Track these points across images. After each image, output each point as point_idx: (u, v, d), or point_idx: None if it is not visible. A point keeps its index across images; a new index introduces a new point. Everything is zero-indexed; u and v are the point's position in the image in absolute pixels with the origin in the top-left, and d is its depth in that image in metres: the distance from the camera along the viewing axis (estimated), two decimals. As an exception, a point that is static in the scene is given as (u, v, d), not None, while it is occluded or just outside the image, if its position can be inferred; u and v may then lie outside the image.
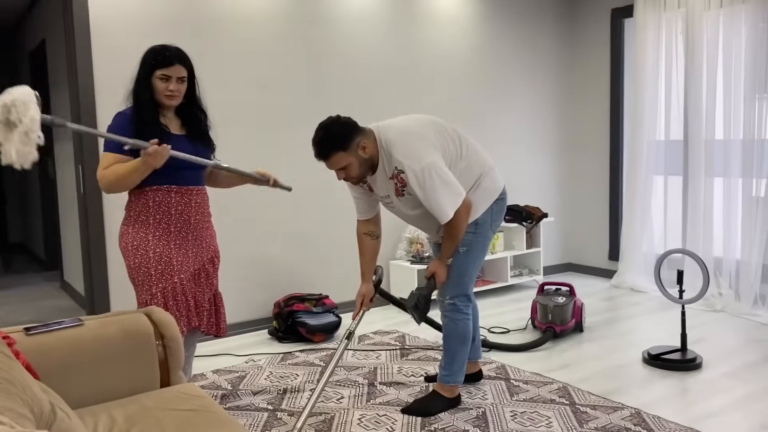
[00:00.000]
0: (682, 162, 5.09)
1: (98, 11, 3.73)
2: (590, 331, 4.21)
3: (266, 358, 3.80)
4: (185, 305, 2.68)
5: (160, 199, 2.63)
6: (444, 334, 3.00)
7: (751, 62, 4.56)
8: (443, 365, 2.99)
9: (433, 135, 2.76)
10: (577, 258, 6.04)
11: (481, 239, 2.92)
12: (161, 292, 2.62)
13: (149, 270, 2.61)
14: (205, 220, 2.78)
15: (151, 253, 2.62)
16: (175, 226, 2.66)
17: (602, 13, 5.64)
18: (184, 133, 2.72)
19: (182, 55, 2.66)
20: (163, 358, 2.19)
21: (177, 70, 2.62)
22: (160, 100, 2.64)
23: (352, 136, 2.68)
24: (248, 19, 4.23)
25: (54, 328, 2.04)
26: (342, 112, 4.60)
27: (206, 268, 2.78)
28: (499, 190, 2.95)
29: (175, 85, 2.62)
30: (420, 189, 2.67)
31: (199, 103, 2.78)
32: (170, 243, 2.65)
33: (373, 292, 3.06)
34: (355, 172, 2.73)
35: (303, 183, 4.52)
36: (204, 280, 2.77)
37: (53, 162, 6.14)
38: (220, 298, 2.88)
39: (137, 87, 2.64)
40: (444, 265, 2.88)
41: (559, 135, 5.94)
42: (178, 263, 2.66)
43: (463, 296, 2.94)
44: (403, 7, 4.91)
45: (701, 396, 3.13)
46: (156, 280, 2.62)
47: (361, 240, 3.05)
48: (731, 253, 4.75)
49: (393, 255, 5.01)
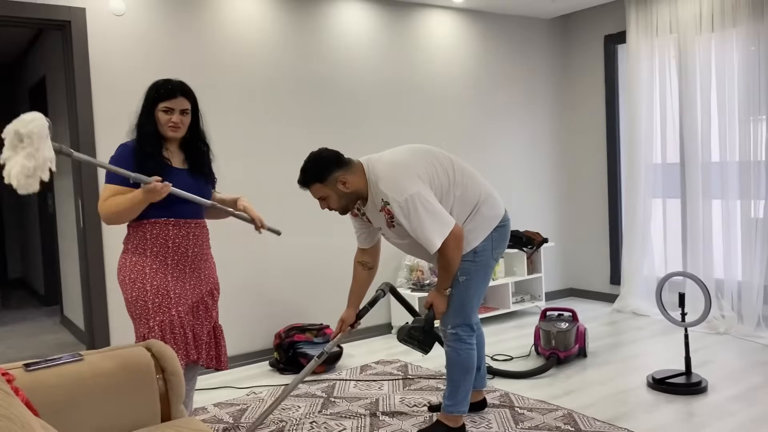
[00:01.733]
0: (679, 184, 5.10)
1: (98, 47, 3.78)
2: (594, 357, 4.18)
3: (268, 390, 3.76)
4: (183, 338, 2.65)
5: (158, 232, 2.62)
6: (447, 364, 2.97)
7: (744, 85, 4.61)
8: (447, 395, 2.96)
9: (421, 165, 2.77)
10: (579, 283, 6.03)
11: (482, 268, 2.90)
12: (159, 325, 2.59)
13: (146, 303, 2.59)
14: (203, 253, 2.76)
15: (149, 286, 2.60)
16: (172, 258, 2.65)
17: (595, 39, 5.71)
18: (186, 167, 2.72)
19: (185, 88, 2.67)
20: (163, 392, 2.17)
21: (180, 102, 2.63)
22: (164, 132, 2.64)
23: (330, 171, 2.75)
24: (245, 53, 4.29)
25: (54, 364, 2.03)
26: (337, 140, 4.65)
27: (205, 300, 2.76)
28: (500, 216, 2.93)
29: (177, 117, 2.63)
30: (405, 219, 2.68)
31: (202, 136, 2.79)
32: (167, 275, 2.64)
33: (353, 319, 3.10)
34: (335, 204, 2.81)
35: (303, 213, 4.53)
36: (203, 313, 2.75)
37: (53, 196, 6.15)
38: (221, 330, 2.85)
39: (140, 119, 2.66)
40: (442, 296, 2.87)
41: (557, 160, 5.97)
42: (176, 296, 2.64)
43: (465, 326, 2.92)
44: (397, 34, 4.97)
45: (708, 420, 3.09)
46: (153, 313, 2.59)
47: (355, 268, 3.13)
48: (732, 274, 4.74)
49: (394, 283, 4.99)
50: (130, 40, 3.89)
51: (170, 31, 4.02)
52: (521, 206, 5.72)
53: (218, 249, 4.16)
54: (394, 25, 4.94)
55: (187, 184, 2.66)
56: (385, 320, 4.96)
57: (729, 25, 4.65)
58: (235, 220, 2.85)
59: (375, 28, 4.85)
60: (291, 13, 4.46)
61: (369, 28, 4.82)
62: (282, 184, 4.45)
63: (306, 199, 4.51)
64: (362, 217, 2.94)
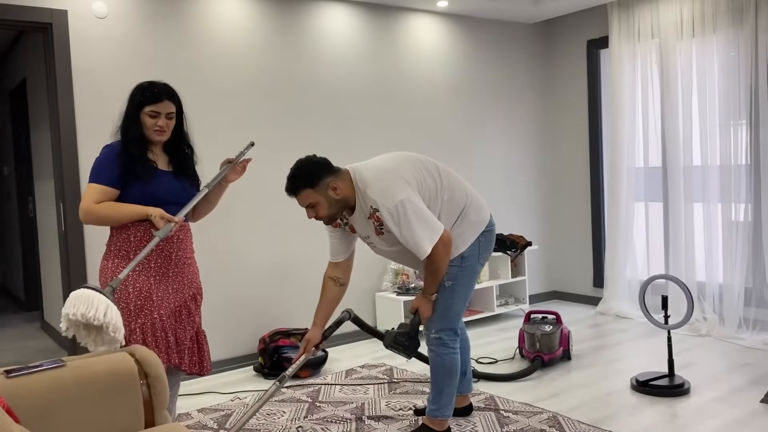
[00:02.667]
0: (661, 188, 5.16)
1: (80, 49, 3.75)
2: (578, 359, 4.20)
3: (252, 395, 3.74)
4: (164, 341, 2.64)
5: (141, 235, 2.61)
6: (431, 368, 2.97)
7: (724, 90, 4.67)
8: (431, 399, 2.96)
9: (409, 171, 2.76)
10: (562, 286, 6.06)
11: (468, 273, 2.90)
12: (140, 328, 2.58)
13: (128, 305, 2.58)
14: (187, 257, 2.75)
15: (131, 288, 2.59)
16: (155, 261, 2.64)
17: (578, 44, 5.76)
18: (171, 170, 2.73)
19: (171, 91, 2.68)
20: (147, 398, 2.15)
21: (166, 106, 2.64)
22: (149, 135, 2.65)
23: (321, 176, 2.70)
24: (230, 54, 4.27)
25: (35, 370, 2.00)
26: (322, 144, 4.64)
27: (188, 305, 2.74)
28: (485, 221, 2.94)
29: (163, 121, 2.64)
30: (395, 226, 2.67)
31: (186, 139, 2.80)
32: (150, 278, 2.63)
33: (319, 339, 2.95)
34: (324, 211, 2.74)
35: (287, 218, 4.52)
36: (185, 317, 2.73)
37: (33, 200, 6.08)
38: (203, 335, 2.82)
39: (126, 122, 2.65)
40: (427, 301, 2.86)
41: (540, 164, 6.01)
42: (158, 299, 2.63)
43: (449, 330, 2.91)
44: (381, 38, 4.98)
45: (690, 421, 3.12)
46: (135, 316, 2.58)
47: (325, 284, 2.99)
48: (714, 277, 4.80)
49: (379, 287, 4.99)
50: (113, 42, 3.86)
51: (153, 33, 3.99)
52: (505, 210, 5.74)
53: (203, 254, 4.13)
54: (378, 29, 4.95)
55: (172, 186, 2.67)
56: (370, 324, 4.94)
57: (709, 31, 4.71)
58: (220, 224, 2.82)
59: (359, 32, 4.86)
60: (274, 16, 4.45)
61: (353, 32, 4.82)
62: (265, 187, 4.43)
63: (291, 202, 4.49)
64: (344, 227, 2.90)
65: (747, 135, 4.57)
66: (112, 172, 2.59)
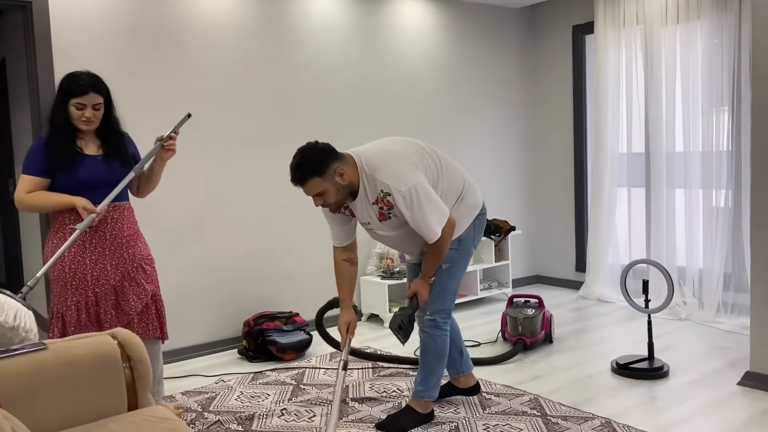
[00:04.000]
0: (644, 174, 5.20)
1: (60, 28, 3.68)
2: (559, 343, 4.25)
3: (236, 378, 3.74)
4: (96, 316, 2.85)
5: (75, 218, 2.79)
6: (422, 349, 2.99)
7: (707, 77, 4.70)
8: (419, 380, 2.98)
9: (414, 155, 2.77)
10: (545, 270, 6.11)
11: (464, 255, 2.94)
12: (75, 305, 2.81)
13: (66, 284, 2.81)
14: (125, 235, 2.92)
15: (67, 269, 2.80)
16: (90, 242, 2.83)
17: (564, 29, 5.76)
18: (101, 154, 2.88)
19: (97, 83, 2.81)
20: (130, 381, 2.15)
21: (92, 98, 2.78)
22: (77, 125, 2.81)
23: (328, 162, 2.62)
24: (213, 35, 4.22)
25: (16, 353, 1.99)
26: (309, 127, 4.62)
27: (132, 276, 2.92)
28: (480, 205, 2.97)
29: (90, 112, 2.79)
30: (408, 210, 2.65)
31: (115, 125, 2.93)
32: (86, 258, 2.83)
33: (355, 319, 2.98)
34: (332, 198, 2.67)
35: (271, 201, 4.50)
36: (133, 288, 2.91)
37: (14, 183, 6.00)
38: (161, 301, 3.04)
39: (53, 113, 2.82)
40: (427, 284, 2.88)
41: (524, 149, 6.02)
42: (93, 278, 2.83)
43: (443, 312, 2.94)
44: (368, 23, 4.94)
45: (669, 403, 3.18)
46: (71, 294, 2.81)
47: (340, 266, 2.97)
48: (694, 262, 4.86)
49: (364, 271, 5.00)
50: (94, 21, 3.79)
51: (135, 12, 3.93)
52: (489, 195, 5.76)
53: (187, 237, 4.11)
54: (362, 13, 4.91)
55: (100, 170, 2.84)
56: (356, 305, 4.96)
57: (693, 17, 4.73)
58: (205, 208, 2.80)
59: (343, 17, 4.81)
60: (258, 0, 4.40)
61: (337, 17, 4.78)
62: (250, 172, 4.41)
63: (274, 185, 4.48)
64: (344, 211, 2.85)
65: (729, 122, 4.61)
66: (41, 163, 2.79)
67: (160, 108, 3.97)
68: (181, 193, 4.11)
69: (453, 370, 3.22)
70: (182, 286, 4.13)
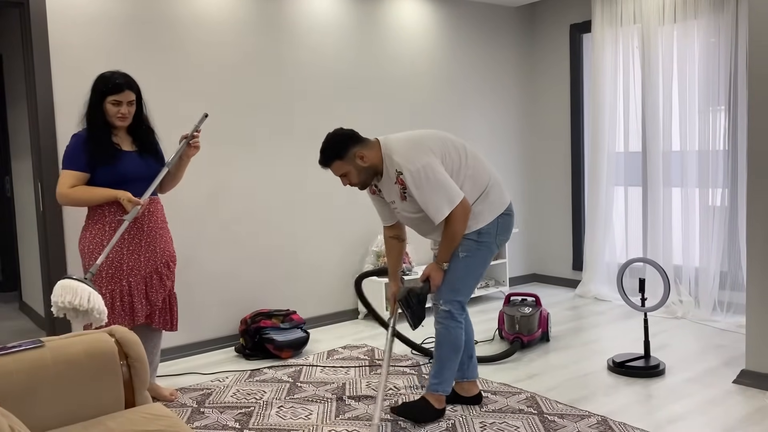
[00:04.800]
0: (641, 173, 5.21)
1: (58, 26, 3.67)
2: (556, 341, 4.26)
3: (233, 375, 3.75)
4: (130, 305, 3.04)
5: (116, 209, 2.98)
6: (436, 341, 2.99)
7: (704, 76, 4.71)
8: (433, 373, 2.99)
9: (433, 142, 2.88)
10: (542, 268, 6.12)
11: (484, 249, 2.94)
12: (110, 293, 2.98)
13: (101, 273, 2.97)
14: (158, 227, 3.13)
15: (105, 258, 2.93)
16: (128, 233, 3.01)
17: (561, 28, 5.76)
18: (135, 149, 3.08)
19: (130, 81, 3.01)
20: (127, 378, 2.15)
21: (127, 95, 2.98)
22: (112, 122, 3.00)
23: (347, 147, 2.86)
24: (210, 32, 4.22)
25: (14, 350, 1.99)
26: (307, 126, 4.62)
27: (159, 270, 3.13)
28: (505, 204, 3.01)
29: (126, 109, 2.98)
30: (416, 189, 2.77)
31: (147, 122, 3.15)
32: (123, 249, 3.01)
33: (400, 289, 3.10)
34: (355, 179, 2.91)
35: (270, 198, 4.50)
36: (157, 282, 3.13)
37: (10, 180, 5.99)
38: (175, 298, 3.27)
39: (90, 111, 2.99)
40: (440, 269, 2.90)
41: (521, 147, 6.03)
42: (128, 268, 3.03)
43: (457, 303, 2.95)
44: (366, 20, 4.94)
45: (665, 401, 3.19)
46: (106, 282, 2.98)
47: (388, 243, 3.19)
48: (690, 261, 4.87)
49: (360, 269, 5.00)
50: (91, 18, 3.79)
51: (131, 9, 3.93)
52: (487, 193, 5.76)
53: (183, 234, 4.11)
54: (361, 11, 4.91)
55: (137, 165, 3.05)
56: (352, 306, 4.97)
57: (691, 17, 4.74)
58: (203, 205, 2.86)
59: (342, 15, 4.81)
60: (257, -5, 4.40)
61: (335, 15, 4.78)
62: (247, 170, 4.41)
63: (274, 183, 4.48)
64: (379, 193, 3.01)
65: (725, 121, 4.62)
66: (81, 159, 2.95)
67: (159, 105, 3.95)
68: (178, 192, 4.09)
69: (458, 373, 3.17)
70: (179, 284, 4.11)
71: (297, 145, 4.61)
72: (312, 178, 4.64)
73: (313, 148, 4.68)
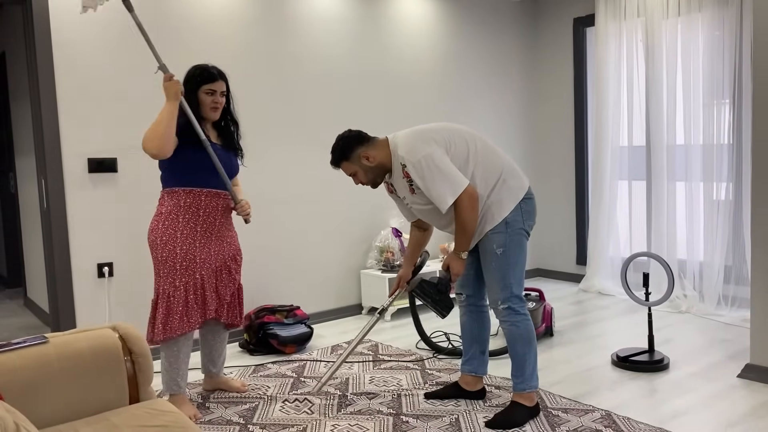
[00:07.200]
0: (645, 167, 5.19)
1: (60, 22, 3.68)
2: (560, 335, 4.26)
3: (237, 370, 3.76)
4: (202, 298, 3.05)
5: (191, 201, 2.99)
6: (507, 340, 2.96)
7: (708, 69, 4.69)
8: (514, 373, 2.95)
9: (437, 133, 2.87)
10: (546, 263, 6.11)
11: (517, 238, 2.89)
12: (184, 286, 2.98)
13: (175, 265, 2.96)
14: (228, 222, 3.16)
15: (178, 250, 2.96)
16: (201, 226, 3.02)
17: (565, 22, 5.74)
18: (220, 143, 3.13)
19: (222, 72, 3.05)
20: (131, 374, 2.16)
21: (220, 85, 3.02)
22: (205, 113, 3.02)
23: (353, 148, 2.93)
24: (213, 28, 4.21)
25: (18, 346, 1.99)
26: (310, 121, 4.62)
27: (228, 264, 3.15)
28: (525, 189, 2.93)
29: (218, 98, 3.02)
30: (420, 179, 2.79)
31: (233, 115, 3.18)
32: (196, 242, 3.00)
33: (410, 276, 3.21)
34: (363, 178, 2.98)
35: (273, 194, 4.50)
36: (226, 276, 3.15)
37: (15, 176, 6.01)
38: (242, 290, 3.28)
39: (186, 98, 2.96)
40: (458, 258, 2.86)
41: (525, 142, 6.02)
42: (201, 261, 3.02)
43: (515, 297, 2.91)
44: (369, 15, 4.93)
45: (669, 396, 3.18)
46: (180, 275, 2.97)
47: (411, 231, 3.26)
48: (694, 255, 4.86)
49: (364, 264, 5.01)
50: (94, 15, 3.79)
51: (136, 6, 3.92)
52: (490, 188, 5.75)
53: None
54: (365, 5, 4.90)
55: (221, 157, 3.06)
56: (355, 301, 4.98)
57: (695, 10, 4.72)
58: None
59: (346, 9, 4.80)
60: (260, -10, 4.39)
61: (340, 10, 4.77)
62: (252, 166, 4.41)
63: (275, 178, 4.48)
64: (395, 191, 3.04)
65: (730, 115, 4.61)
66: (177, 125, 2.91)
67: (160, 103, 3.96)
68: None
69: (468, 367, 3.17)
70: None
71: (300, 141, 4.61)
72: (315, 173, 4.64)
73: (317, 144, 4.71)
